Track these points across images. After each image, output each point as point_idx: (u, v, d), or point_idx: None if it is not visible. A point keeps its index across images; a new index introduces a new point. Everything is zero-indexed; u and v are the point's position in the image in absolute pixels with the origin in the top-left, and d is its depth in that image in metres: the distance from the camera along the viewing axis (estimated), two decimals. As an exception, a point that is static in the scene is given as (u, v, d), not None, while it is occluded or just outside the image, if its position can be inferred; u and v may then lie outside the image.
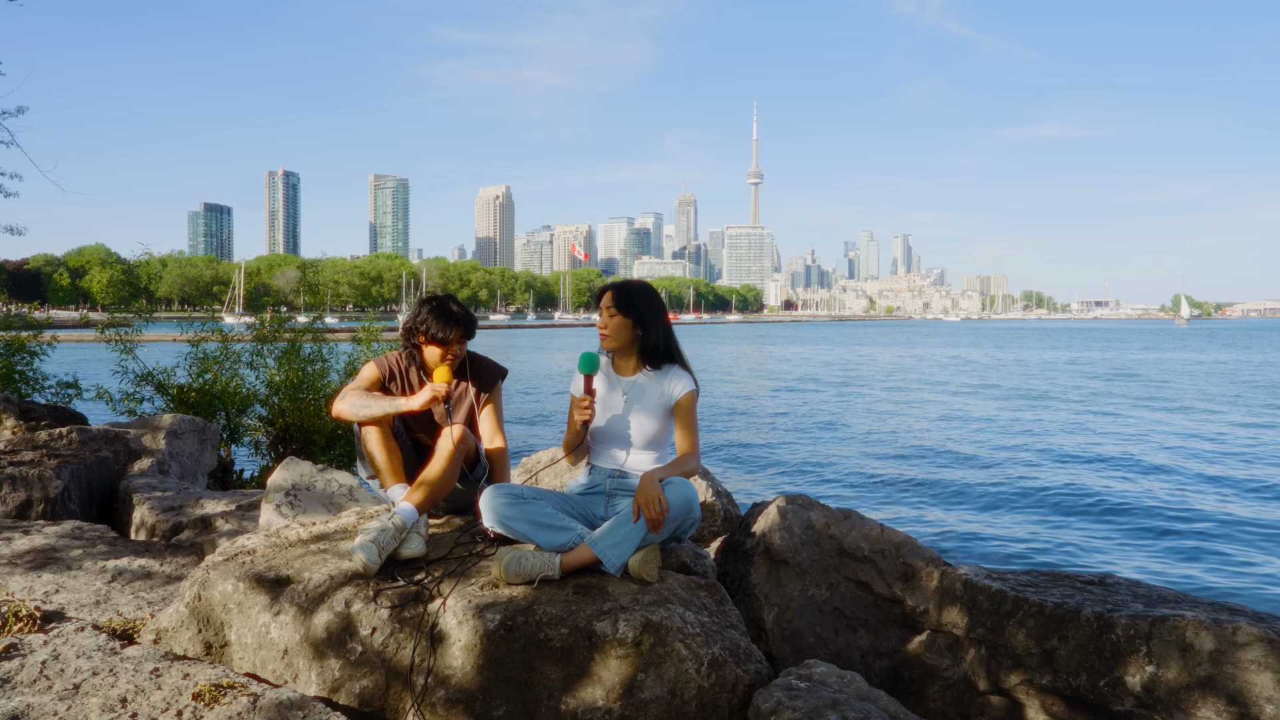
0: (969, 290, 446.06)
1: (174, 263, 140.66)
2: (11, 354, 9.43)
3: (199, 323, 9.94)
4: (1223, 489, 13.90)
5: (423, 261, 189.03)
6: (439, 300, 3.48)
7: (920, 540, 3.88)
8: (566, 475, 4.78)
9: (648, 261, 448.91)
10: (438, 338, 3.41)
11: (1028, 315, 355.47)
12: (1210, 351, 63.35)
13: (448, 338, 3.41)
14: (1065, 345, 76.34)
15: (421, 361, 3.52)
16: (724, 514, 4.65)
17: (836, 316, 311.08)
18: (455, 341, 3.44)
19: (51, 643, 2.77)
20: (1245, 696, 2.51)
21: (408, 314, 3.56)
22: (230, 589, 2.95)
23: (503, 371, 3.70)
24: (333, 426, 8.81)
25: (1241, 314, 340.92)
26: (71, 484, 5.31)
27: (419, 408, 3.25)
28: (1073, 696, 2.79)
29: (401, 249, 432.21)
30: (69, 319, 61.25)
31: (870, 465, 16.45)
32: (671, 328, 3.40)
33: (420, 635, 2.71)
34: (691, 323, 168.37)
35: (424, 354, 3.48)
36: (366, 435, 3.35)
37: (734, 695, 2.63)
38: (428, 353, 3.47)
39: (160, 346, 10.03)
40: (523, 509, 3.02)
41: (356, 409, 3.30)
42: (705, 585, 3.06)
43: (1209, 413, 24.76)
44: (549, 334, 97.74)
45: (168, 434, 6.64)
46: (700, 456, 3.32)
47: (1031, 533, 11.25)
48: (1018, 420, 23.17)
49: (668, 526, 2.98)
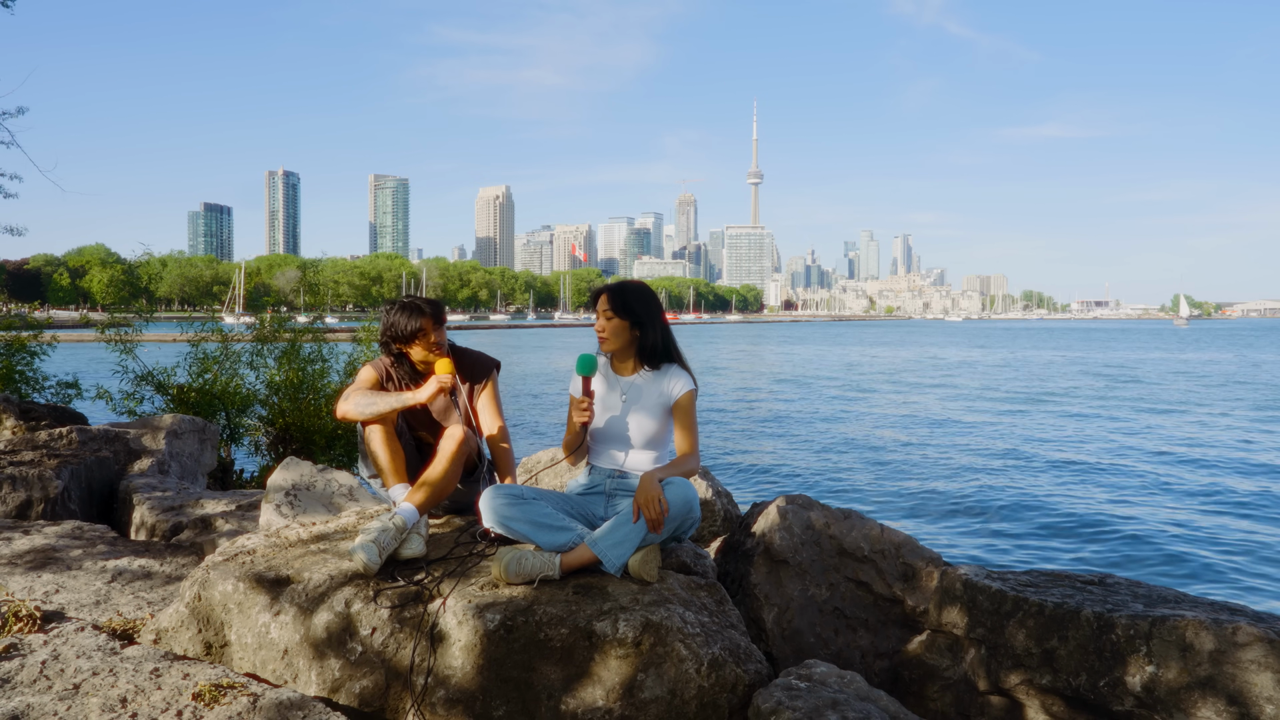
0: (969, 290, 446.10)
1: (174, 263, 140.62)
2: (11, 354, 9.44)
3: (199, 323, 9.94)
4: (1223, 488, 13.90)
5: (423, 261, 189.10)
6: (401, 301, 3.53)
7: (920, 540, 3.88)
8: (566, 475, 4.78)
9: (648, 262, 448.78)
10: (409, 330, 3.44)
11: (1028, 315, 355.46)
12: (1209, 351, 63.37)
13: (418, 327, 3.44)
14: (1070, 345, 76.30)
15: (411, 366, 3.55)
16: (724, 514, 4.65)
17: (836, 316, 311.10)
18: (429, 330, 3.46)
19: (51, 643, 2.77)
20: (1245, 696, 2.51)
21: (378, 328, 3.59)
22: (230, 589, 2.95)
23: (495, 363, 3.72)
24: (333, 426, 8.81)
25: (1242, 314, 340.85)
26: (71, 484, 5.31)
27: (426, 400, 3.27)
28: (1073, 696, 2.79)
29: (401, 249, 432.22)
30: (69, 319, 61.22)
31: (870, 465, 16.45)
32: (669, 327, 3.39)
33: (420, 635, 2.71)
34: (691, 323, 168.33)
35: (411, 357, 3.52)
36: (370, 434, 3.35)
37: (734, 695, 2.62)
38: (414, 353, 3.50)
39: (160, 346, 10.03)
40: (523, 509, 3.02)
41: (362, 407, 3.31)
42: (705, 585, 3.06)
43: (1209, 414, 24.76)
44: (549, 334, 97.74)
45: (168, 434, 6.64)
46: (700, 456, 3.32)
47: (1031, 533, 11.25)
48: (1018, 421, 23.17)
49: (668, 526, 2.98)
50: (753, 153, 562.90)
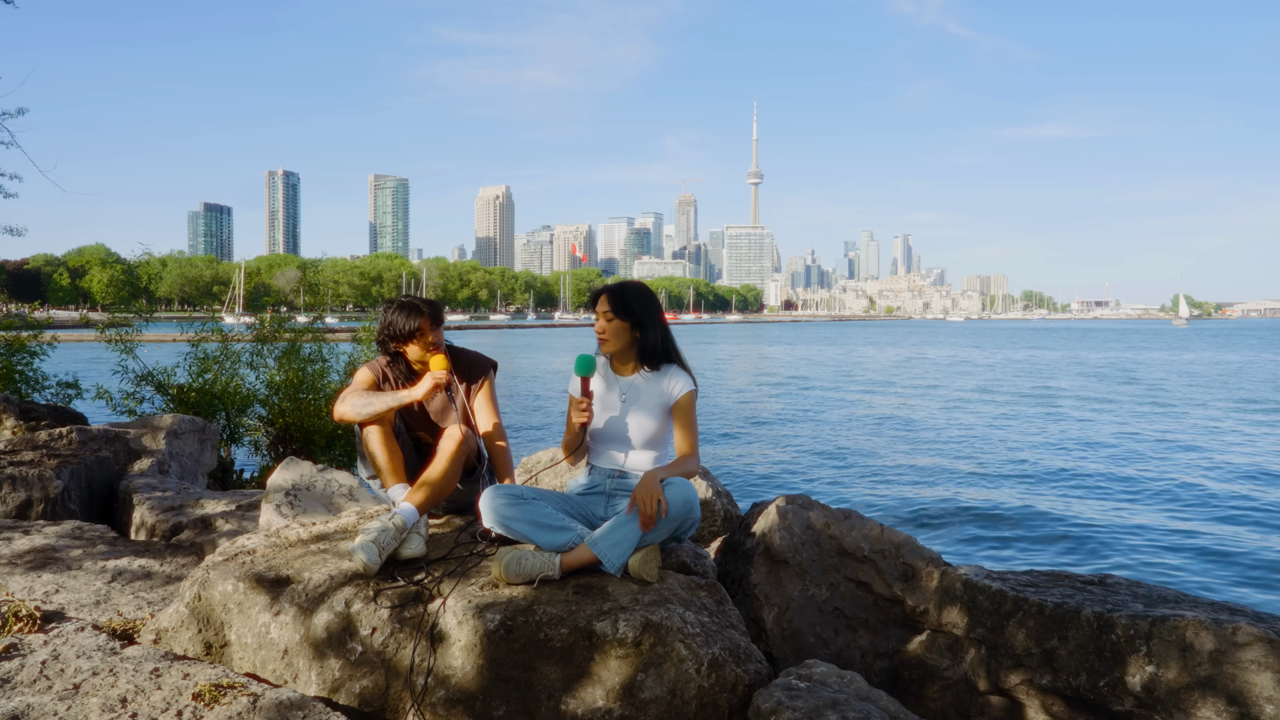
0: (969, 290, 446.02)
1: (174, 263, 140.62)
2: (11, 354, 9.44)
3: (199, 323, 9.94)
4: (1223, 488, 13.90)
5: (423, 261, 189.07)
6: (399, 300, 3.56)
7: (920, 540, 3.88)
8: (566, 475, 4.78)
9: (648, 261, 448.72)
10: (406, 329, 3.47)
11: (1028, 315, 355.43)
12: (1208, 351, 63.38)
13: (416, 326, 3.47)
14: (1071, 344, 76.29)
15: (408, 366, 3.58)
16: (724, 514, 4.65)
17: (836, 316, 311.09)
18: (427, 330, 3.49)
19: (51, 643, 2.77)
20: (1245, 696, 2.51)
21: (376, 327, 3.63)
22: (230, 589, 2.95)
23: (491, 363, 3.74)
24: (333, 426, 8.81)
25: (1242, 314, 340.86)
26: (71, 484, 5.31)
27: (423, 396, 3.29)
28: (1073, 696, 2.79)
29: (401, 249, 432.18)
30: (69, 319, 61.22)
31: (871, 465, 16.45)
32: (669, 327, 3.40)
33: (420, 635, 2.71)
34: (691, 323, 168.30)
35: (408, 356, 3.55)
36: (368, 435, 3.36)
37: (734, 695, 2.62)
38: (410, 352, 3.53)
39: (160, 346, 10.03)
40: (523, 509, 3.02)
41: (359, 408, 3.32)
42: (705, 585, 3.06)
43: (1209, 413, 24.76)
44: (549, 334, 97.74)
45: (168, 434, 6.64)
46: (700, 457, 3.32)
47: (1031, 533, 11.25)
48: (1019, 421, 23.17)
49: (668, 526, 2.98)
50: (753, 153, 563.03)
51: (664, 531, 2.98)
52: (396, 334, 3.49)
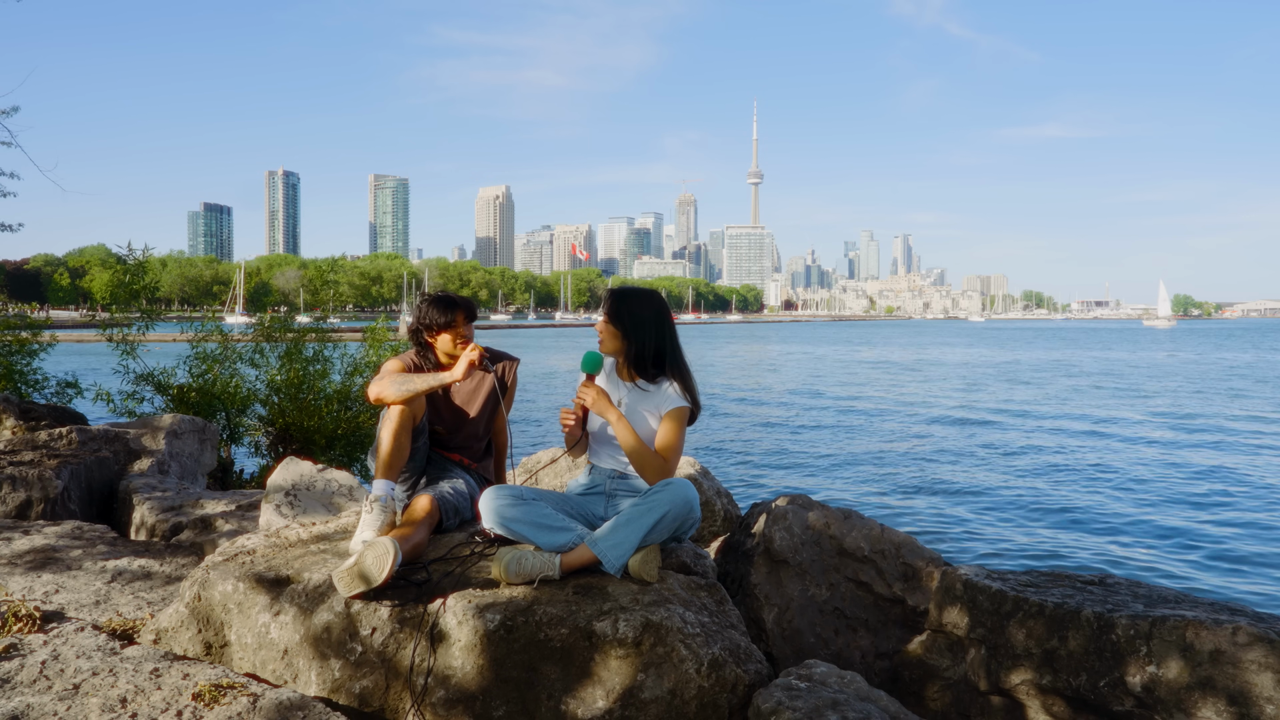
0: (969, 290, 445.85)
1: (174, 263, 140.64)
2: (11, 354, 9.43)
3: (199, 323, 9.92)
4: (1223, 488, 13.90)
5: (423, 261, 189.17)
6: (434, 294, 3.69)
7: (920, 540, 3.88)
8: (566, 475, 4.78)
9: (648, 261, 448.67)
10: (441, 322, 3.57)
11: (1028, 315, 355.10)
12: (1206, 351, 63.39)
13: (452, 319, 3.57)
14: (1087, 346, 76.29)
15: (436, 360, 3.65)
16: (724, 514, 4.65)
17: (837, 316, 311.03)
18: (461, 323, 3.59)
19: (51, 643, 2.77)
20: (1245, 697, 2.50)
21: (410, 317, 3.74)
22: (230, 589, 2.95)
23: (516, 360, 3.84)
24: (333, 427, 8.81)
25: (1242, 314, 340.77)
26: (71, 484, 5.31)
27: (461, 376, 3.32)
28: (1073, 696, 2.79)
29: (401, 249, 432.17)
30: (69, 319, 61.23)
31: (871, 465, 16.45)
32: (673, 339, 3.27)
33: (420, 635, 2.71)
34: (691, 323, 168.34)
35: (437, 349, 3.63)
36: (388, 419, 3.31)
37: (734, 695, 2.62)
38: (440, 343, 3.61)
39: (160, 346, 10.02)
40: (523, 509, 3.02)
41: (398, 385, 3.32)
42: (705, 585, 3.05)
43: (1209, 414, 24.76)
44: (550, 334, 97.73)
45: (168, 434, 6.64)
46: (674, 469, 3.17)
47: (1032, 533, 11.25)
48: (1018, 421, 23.17)
49: (668, 526, 2.97)
50: (753, 153, 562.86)
51: (664, 532, 2.98)
52: (431, 324, 3.58)
